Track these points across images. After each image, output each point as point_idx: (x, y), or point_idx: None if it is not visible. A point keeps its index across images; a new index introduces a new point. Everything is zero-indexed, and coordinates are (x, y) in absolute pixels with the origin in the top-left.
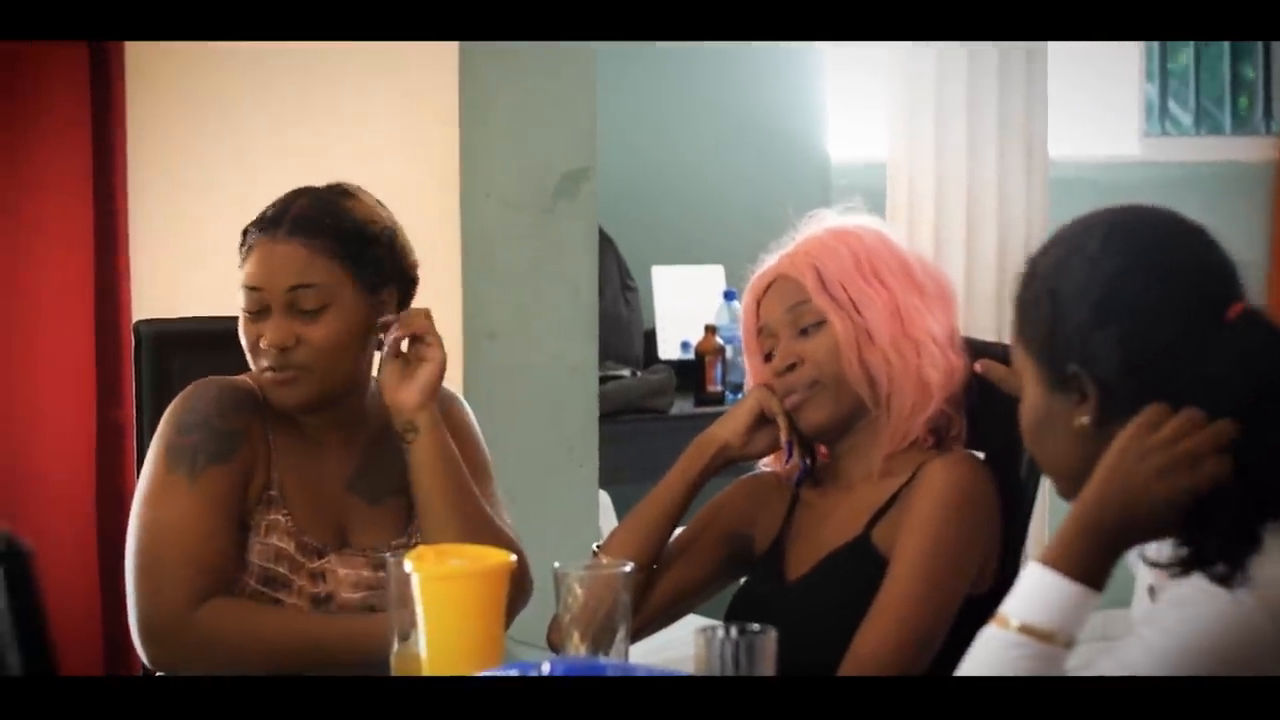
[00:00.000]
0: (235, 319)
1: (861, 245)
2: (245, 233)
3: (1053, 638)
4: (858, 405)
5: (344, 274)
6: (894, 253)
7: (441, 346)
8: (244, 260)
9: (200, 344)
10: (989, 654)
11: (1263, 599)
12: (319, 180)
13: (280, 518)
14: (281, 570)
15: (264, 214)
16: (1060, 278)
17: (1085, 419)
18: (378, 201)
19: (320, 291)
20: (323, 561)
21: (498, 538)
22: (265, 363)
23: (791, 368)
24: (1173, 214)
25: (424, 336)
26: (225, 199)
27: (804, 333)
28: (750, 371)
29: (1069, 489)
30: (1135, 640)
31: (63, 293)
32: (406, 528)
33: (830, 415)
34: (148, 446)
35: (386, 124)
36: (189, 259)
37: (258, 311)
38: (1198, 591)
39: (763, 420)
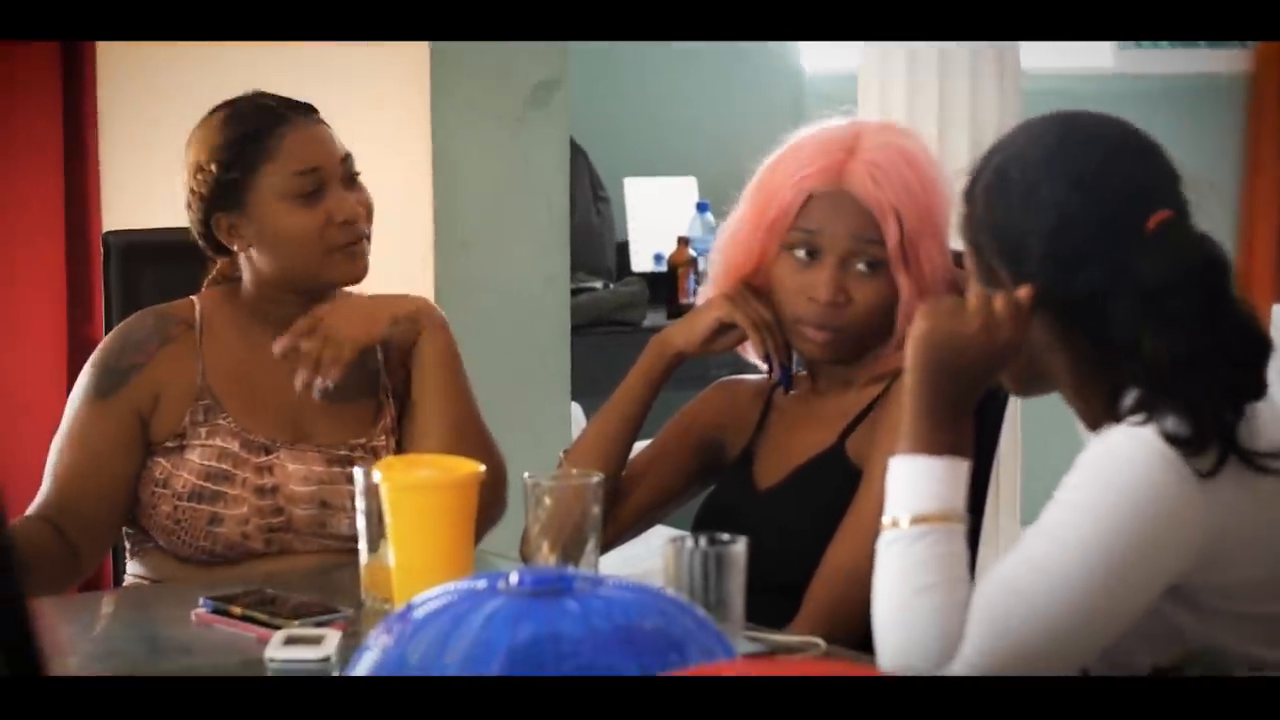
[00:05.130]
0: None
1: (937, 196)
2: (255, 131)
3: (948, 518)
4: (873, 345)
5: None
6: (949, 199)
7: None
8: (271, 153)
9: (170, 255)
10: (895, 557)
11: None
12: (290, 90)
13: (222, 421)
14: (225, 466)
15: (265, 107)
16: (993, 181)
17: None
18: None
19: (352, 159)
20: (270, 457)
21: (486, 449)
22: (340, 240)
23: (837, 304)
24: (1113, 126)
25: None
26: (196, 110)
27: (859, 271)
28: (740, 248)
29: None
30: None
31: (34, 206)
32: (370, 430)
33: (846, 355)
34: None
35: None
36: (160, 170)
37: (313, 192)
38: (1111, 433)
39: (723, 328)
